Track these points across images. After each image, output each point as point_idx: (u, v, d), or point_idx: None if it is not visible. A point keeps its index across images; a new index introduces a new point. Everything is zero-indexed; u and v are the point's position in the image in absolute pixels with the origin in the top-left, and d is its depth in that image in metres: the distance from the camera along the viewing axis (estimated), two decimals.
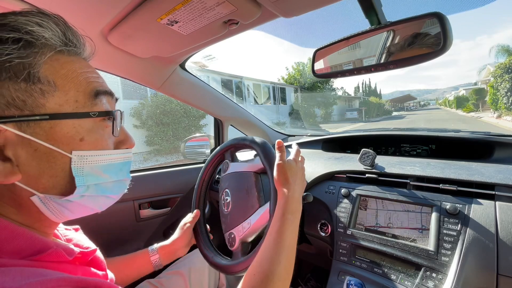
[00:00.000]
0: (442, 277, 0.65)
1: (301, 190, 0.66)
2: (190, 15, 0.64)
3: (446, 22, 0.53)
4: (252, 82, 17.04)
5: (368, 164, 0.92)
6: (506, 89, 14.62)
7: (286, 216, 0.59)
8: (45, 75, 0.34)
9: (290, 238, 0.57)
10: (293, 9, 0.64)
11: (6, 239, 0.33)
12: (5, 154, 0.33)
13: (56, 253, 0.36)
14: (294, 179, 0.65)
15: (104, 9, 0.66)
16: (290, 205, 0.61)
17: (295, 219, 0.60)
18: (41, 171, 0.35)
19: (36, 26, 0.34)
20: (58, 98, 0.35)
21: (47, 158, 0.35)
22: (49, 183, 0.36)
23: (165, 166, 1.41)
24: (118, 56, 0.89)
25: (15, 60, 0.32)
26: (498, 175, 0.73)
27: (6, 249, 0.32)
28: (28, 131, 0.33)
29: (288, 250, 0.55)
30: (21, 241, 0.34)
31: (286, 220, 0.58)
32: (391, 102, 72.82)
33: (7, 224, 0.34)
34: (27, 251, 0.34)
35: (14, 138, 0.33)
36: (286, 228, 0.57)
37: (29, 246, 0.34)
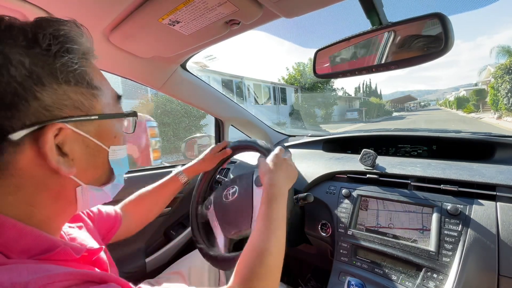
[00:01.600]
0: (443, 278, 0.65)
1: (286, 177, 0.68)
2: (192, 15, 0.64)
3: (447, 22, 0.53)
4: (252, 82, 17.05)
5: (369, 165, 0.92)
6: (507, 90, 14.59)
7: (270, 201, 0.61)
8: (94, 81, 0.40)
9: (277, 219, 0.59)
10: (294, 10, 0.65)
11: (14, 238, 0.33)
12: (63, 150, 0.37)
13: (64, 251, 0.36)
14: (276, 168, 0.68)
15: (106, 9, 0.66)
16: (273, 190, 0.63)
17: (280, 203, 0.62)
18: (88, 165, 0.41)
19: (85, 39, 0.40)
20: (102, 101, 0.41)
21: (94, 153, 0.41)
22: (93, 175, 0.42)
23: (166, 166, 1.42)
24: (119, 56, 0.89)
25: (79, 69, 0.38)
26: (499, 175, 0.72)
27: (15, 248, 0.33)
28: (83, 129, 0.38)
29: (276, 230, 0.57)
30: (29, 240, 0.34)
31: (271, 204, 0.61)
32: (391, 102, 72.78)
33: (14, 223, 0.34)
34: (35, 250, 0.34)
35: (71, 136, 0.37)
36: (272, 210, 0.60)
37: (37, 244, 0.35)
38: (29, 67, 0.33)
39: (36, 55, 0.34)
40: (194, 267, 0.98)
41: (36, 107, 0.33)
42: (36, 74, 0.33)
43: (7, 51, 0.32)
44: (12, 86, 0.31)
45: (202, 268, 0.99)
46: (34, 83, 0.33)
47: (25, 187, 0.35)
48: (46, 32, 0.35)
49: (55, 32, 0.36)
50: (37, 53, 0.34)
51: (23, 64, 0.32)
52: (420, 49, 0.59)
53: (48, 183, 0.37)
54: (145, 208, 0.82)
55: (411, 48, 0.61)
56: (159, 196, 0.86)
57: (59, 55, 0.36)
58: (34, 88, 0.33)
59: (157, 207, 0.85)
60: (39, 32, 0.34)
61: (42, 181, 0.36)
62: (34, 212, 0.37)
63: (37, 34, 0.34)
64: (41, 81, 0.33)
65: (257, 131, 1.56)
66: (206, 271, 0.99)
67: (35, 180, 0.36)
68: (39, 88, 0.33)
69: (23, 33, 0.34)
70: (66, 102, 0.36)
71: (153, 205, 0.84)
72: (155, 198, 0.85)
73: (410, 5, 1.59)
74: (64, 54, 0.36)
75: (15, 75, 0.32)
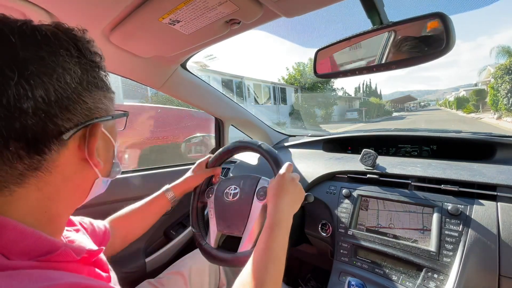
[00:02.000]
0: (443, 278, 0.65)
1: (291, 202, 0.68)
2: (192, 14, 0.64)
3: (449, 22, 0.53)
4: (252, 82, 17.04)
5: (369, 165, 0.92)
6: (507, 90, 14.60)
7: (273, 227, 0.61)
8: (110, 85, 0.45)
9: (278, 248, 0.58)
10: (295, 9, 0.64)
11: (15, 240, 0.33)
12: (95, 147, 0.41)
13: (65, 253, 0.36)
14: (282, 192, 0.68)
15: (106, 8, 0.66)
16: (277, 216, 0.64)
17: (282, 230, 0.62)
18: (106, 159, 0.46)
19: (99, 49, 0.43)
20: (112, 102, 0.46)
21: (109, 148, 0.47)
22: (106, 168, 0.47)
23: (165, 166, 1.41)
24: (119, 56, 0.89)
25: (106, 76, 0.44)
26: (500, 176, 0.72)
27: (15, 250, 0.33)
28: (105, 128, 0.44)
29: (276, 261, 0.57)
30: (30, 242, 0.34)
31: (272, 232, 0.60)
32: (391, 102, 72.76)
33: (15, 224, 0.34)
34: (36, 252, 0.34)
35: (101, 134, 0.42)
36: (273, 239, 0.59)
37: (38, 246, 0.35)
38: (80, 76, 0.38)
39: (84, 66, 0.39)
40: (194, 267, 0.98)
41: (83, 110, 0.38)
42: (86, 82, 0.39)
43: (63, 61, 0.35)
44: (68, 92, 0.36)
45: (203, 269, 0.98)
46: (84, 89, 0.38)
47: (53, 183, 0.38)
48: (84, 44, 0.40)
49: (88, 44, 0.41)
50: (85, 63, 0.39)
51: (77, 73, 0.37)
52: (421, 49, 0.59)
53: (73, 177, 0.40)
54: (132, 225, 0.81)
55: (412, 47, 0.61)
56: (146, 213, 0.85)
57: (100, 66, 0.42)
58: (83, 93, 0.38)
59: (144, 224, 0.84)
60: (80, 44, 0.39)
61: (69, 176, 0.40)
62: (50, 206, 0.38)
63: (79, 46, 0.39)
64: (88, 87, 0.39)
65: (257, 131, 1.56)
66: (207, 272, 0.98)
67: (64, 175, 0.39)
68: (86, 93, 0.39)
69: (72, 45, 0.38)
70: (101, 106, 0.42)
71: (139, 222, 0.83)
72: (142, 214, 0.84)
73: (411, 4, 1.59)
74: (101, 65, 0.42)
75: (70, 82, 0.36)
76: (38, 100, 0.32)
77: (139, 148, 2.31)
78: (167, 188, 0.90)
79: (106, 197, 1.12)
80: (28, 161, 0.34)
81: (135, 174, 1.26)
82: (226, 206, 0.87)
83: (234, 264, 0.78)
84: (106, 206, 1.12)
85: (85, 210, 1.05)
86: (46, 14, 0.64)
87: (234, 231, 0.83)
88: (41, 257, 0.34)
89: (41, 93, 0.33)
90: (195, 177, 0.95)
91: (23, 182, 0.35)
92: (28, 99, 0.32)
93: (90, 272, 0.41)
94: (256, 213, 0.81)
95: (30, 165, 0.34)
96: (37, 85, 0.32)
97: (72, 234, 0.52)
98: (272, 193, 0.70)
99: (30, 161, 0.34)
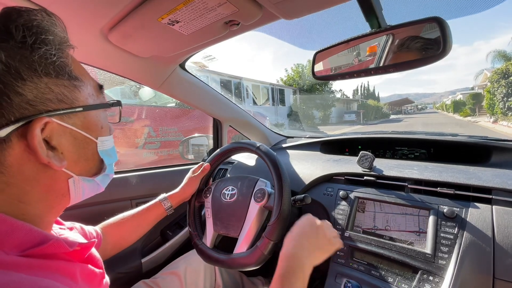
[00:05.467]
0: (439, 280, 0.65)
1: (314, 248, 0.59)
2: (191, 15, 0.64)
3: (445, 26, 0.53)
4: (251, 83, 17.04)
5: (367, 167, 0.92)
6: (503, 94, 14.73)
7: (285, 277, 0.53)
8: (75, 72, 0.39)
9: None
10: (294, 11, 0.65)
11: (6, 232, 0.33)
12: (52, 144, 0.37)
13: (58, 243, 0.36)
14: (303, 234, 0.61)
15: (105, 7, 0.66)
16: (292, 262, 0.56)
17: (296, 282, 0.53)
18: (79, 157, 0.41)
19: (59, 28, 0.38)
20: (84, 92, 0.41)
21: (83, 144, 0.41)
22: (84, 167, 0.42)
23: (163, 166, 1.41)
24: (118, 55, 0.89)
25: (58, 60, 0.37)
26: (495, 179, 0.73)
27: (7, 243, 0.32)
28: (69, 122, 0.38)
29: None
30: (21, 234, 0.34)
31: (284, 282, 0.53)
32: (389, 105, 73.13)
33: (5, 217, 0.33)
34: (27, 243, 0.33)
35: (58, 129, 0.37)
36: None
37: (29, 238, 0.34)
38: (5, 61, 0.32)
39: (11, 49, 0.33)
40: (190, 268, 0.98)
41: (18, 102, 0.33)
42: (14, 68, 0.32)
43: None
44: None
45: (198, 269, 0.98)
46: (13, 78, 0.32)
47: (15, 184, 0.35)
48: (17, 23, 0.33)
49: (27, 23, 0.34)
50: (12, 46, 0.33)
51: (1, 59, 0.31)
52: (419, 53, 0.59)
53: (38, 178, 0.37)
54: (125, 231, 0.79)
55: (409, 51, 0.61)
56: (141, 221, 0.83)
57: (35, 47, 0.34)
58: (14, 83, 0.32)
59: (138, 232, 0.82)
60: (11, 24, 0.33)
61: (32, 176, 0.36)
62: (26, 208, 0.37)
63: (9, 26, 0.33)
64: (20, 75, 0.33)
65: (255, 132, 1.56)
66: (202, 272, 0.98)
67: (24, 176, 0.35)
68: (19, 83, 0.33)
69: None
70: (49, 96, 0.35)
71: (133, 229, 0.81)
72: (136, 222, 0.81)
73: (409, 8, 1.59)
74: (41, 46, 0.35)
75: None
76: None
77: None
78: (164, 197, 0.88)
79: (104, 197, 1.12)
80: None
81: (134, 174, 1.25)
82: (223, 207, 0.87)
83: (229, 265, 0.78)
84: (104, 206, 1.12)
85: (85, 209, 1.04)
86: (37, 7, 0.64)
87: (230, 232, 0.84)
88: (33, 248, 0.33)
89: None
90: (190, 185, 0.94)
91: None
92: None
93: (82, 270, 0.40)
94: (253, 215, 0.81)
95: None
96: None
97: (66, 232, 0.52)
98: (294, 233, 0.60)
99: None
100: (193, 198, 0.96)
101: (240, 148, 0.94)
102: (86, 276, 0.40)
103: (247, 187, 0.87)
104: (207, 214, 0.91)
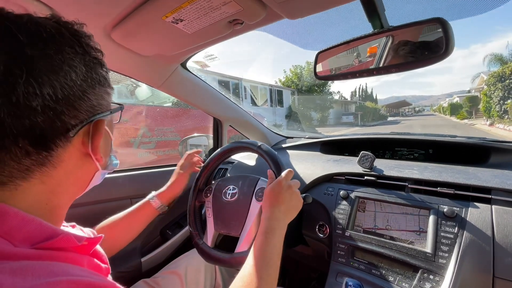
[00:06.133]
0: (439, 279, 0.65)
1: (286, 211, 0.68)
2: (196, 13, 0.64)
3: (448, 27, 0.54)
4: (250, 84, 17.05)
5: (367, 167, 0.93)
6: (499, 97, 14.83)
7: (266, 234, 0.62)
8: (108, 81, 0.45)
9: (271, 255, 0.59)
10: (298, 11, 0.65)
11: (17, 226, 0.33)
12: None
13: (67, 238, 0.36)
14: (278, 199, 0.68)
15: (109, 5, 0.66)
16: (271, 223, 0.64)
17: (275, 238, 0.62)
18: (105, 151, 0.46)
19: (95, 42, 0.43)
20: (111, 97, 0.46)
21: (108, 142, 0.47)
22: (105, 161, 0.47)
23: (162, 165, 1.41)
24: (119, 53, 0.89)
25: (106, 73, 0.44)
26: (495, 179, 0.74)
27: (18, 236, 0.33)
28: (106, 124, 0.44)
29: (269, 267, 0.57)
30: (32, 227, 0.34)
31: (266, 239, 0.61)
32: (386, 107, 73.47)
33: (16, 211, 0.34)
34: (37, 237, 0.34)
35: (103, 129, 0.42)
36: (267, 245, 0.60)
37: (40, 232, 0.35)
38: (85, 73, 0.38)
39: (88, 63, 0.39)
40: (190, 266, 0.97)
41: (87, 106, 0.39)
42: (90, 79, 0.39)
43: (69, 59, 0.36)
44: (74, 89, 0.36)
45: (199, 268, 0.98)
46: (88, 86, 0.39)
47: (57, 177, 0.38)
48: (86, 41, 0.40)
49: (89, 41, 0.41)
50: (88, 60, 0.39)
51: (81, 71, 0.37)
52: (421, 53, 0.60)
53: (76, 171, 0.41)
54: (117, 234, 0.79)
55: (411, 51, 0.62)
56: (132, 222, 0.83)
57: (102, 63, 0.42)
58: (87, 90, 0.39)
59: (130, 233, 0.83)
60: (83, 41, 0.39)
61: (73, 169, 0.40)
62: (51, 199, 0.39)
63: (83, 43, 0.39)
64: (92, 84, 0.39)
65: (255, 132, 1.57)
66: (203, 271, 0.98)
67: (68, 169, 0.39)
68: (90, 90, 0.39)
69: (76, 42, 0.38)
70: (103, 102, 0.42)
71: (125, 231, 0.82)
72: (128, 224, 0.82)
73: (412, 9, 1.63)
74: (103, 62, 0.43)
75: (76, 79, 0.36)
76: (46, 98, 0.33)
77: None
78: (153, 196, 0.88)
79: (104, 196, 1.12)
80: (35, 157, 0.35)
81: (134, 173, 1.25)
82: (224, 206, 0.87)
83: (230, 264, 0.78)
84: (104, 205, 1.12)
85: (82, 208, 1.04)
86: (46, 8, 0.64)
87: (231, 231, 0.84)
88: (43, 242, 0.34)
89: (49, 91, 0.33)
90: (179, 181, 0.94)
91: (29, 176, 0.35)
92: (37, 97, 0.32)
93: (89, 262, 0.41)
94: (254, 214, 0.81)
95: (37, 161, 0.35)
96: (44, 83, 0.32)
97: (69, 229, 0.53)
98: (267, 199, 0.69)
99: (37, 157, 0.35)
100: (194, 197, 0.95)
101: (241, 147, 0.94)
102: (93, 268, 0.41)
103: (248, 186, 0.87)
104: (208, 214, 0.90)
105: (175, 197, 0.93)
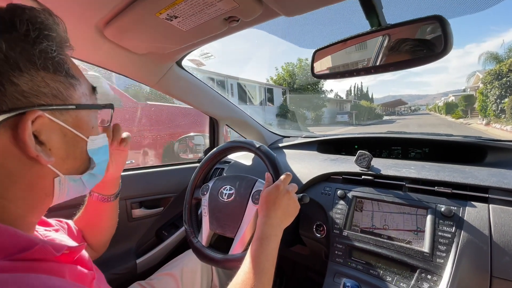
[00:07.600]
0: (437, 279, 0.65)
1: (283, 216, 0.67)
2: (191, 10, 0.62)
3: (447, 25, 0.53)
4: (237, 81, 16.87)
5: (364, 166, 0.92)
6: (496, 95, 14.60)
7: (261, 240, 0.60)
8: (71, 70, 0.40)
9: (266, 261, 0.58)
10: (295, 8, 0.64)
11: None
12: (40, 139, 0.36)
13: (44, 249, 0.34)
14: (275, 205, 0.66)
15: (101, 1, 0.64)
16: (267, 229, 0.63)
17: (270, 244, 0.60)
18: (67, 154, 0.40)
19: (61, 28, 0.39)
20: (79, 91, 0.41)
21: (72, 142, 0.40)
22: (72, 165, 0.41)
23: (158, 166, 1.39)
24: (113, 51, 0.87)
25: (57, 56, 0.37)
26: (492, 178, 0.74)
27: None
28: (61, 119, 0.38)
29: (263, 274, 0.56)
30: (5, 238, 0.32)
31: (261, 245, 0.60)
32: (382, 106, 73.85)
33: None
34: (11, 249, 0.32)
35: (48, 124, 0.36)
36: (262, 252, 0.59)
37: (14, 243, 0.33)
38: (5, 51, 0.32)
39: (13, 40, 0.33)
40: (186, 268, 0.96)
41: (12, 92, 0.33)
42: (13, 59, 0.33)
43: None
44: None
45: (195, 270, 0.97)
46: (11, 68, 0.32)
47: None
48: (22, 18, 0.34)
49: (31, 19, 0.35)
50: (15, 38, 0.34)
51: (0, 48, 0.32)
52: (419, 51, 0.59)
53: (22, 173, 0.36)
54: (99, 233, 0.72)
55: (409, 50, 0.61)
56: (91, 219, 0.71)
57: (37, 41, 0.35)
58: (10, 72, 0.32)
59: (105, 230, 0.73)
60: (16, 18, 0.34)
61: (16, 171, 0.35)
62: (7, 206, 0.35)
63: (14, 19, 0.34)
64: (18, 66, 0.33)
65: (252, 131, 1.55)
66: (199, 273, 0.97)
67: (9, 170, 0.35)
68: (16, 73, 0.33)
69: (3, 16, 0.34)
70: (44, 90, 0.36)
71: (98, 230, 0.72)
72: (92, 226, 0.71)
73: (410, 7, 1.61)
74: (43, 41, 0.36)
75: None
76: None
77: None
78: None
79: None
80: None
81: (128, 173, 1.23)
82: (220, 206, 0.86)
83: (223, 265, 0.77)
84: None
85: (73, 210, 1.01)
86: (37, 4, 0.62)
87: (226, 232, 0.83)
88: (18, 254, 0.32)
89: None
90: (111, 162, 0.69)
91: None
92: None
93: (71, 271, 0.38)
94: (250, 217, 0.80)
95: None
96: None
97: (52, 233, 0.51)
98: (264, 203, 0.67)
99: None
100: (190, 195, 0.95)
101: (239, 147, 0.93)
102: (76, 277, 0.39)
103: (245, 187, 0.86)
104: (204, 212, 0.89)
105: (111, 180, 0.70)
